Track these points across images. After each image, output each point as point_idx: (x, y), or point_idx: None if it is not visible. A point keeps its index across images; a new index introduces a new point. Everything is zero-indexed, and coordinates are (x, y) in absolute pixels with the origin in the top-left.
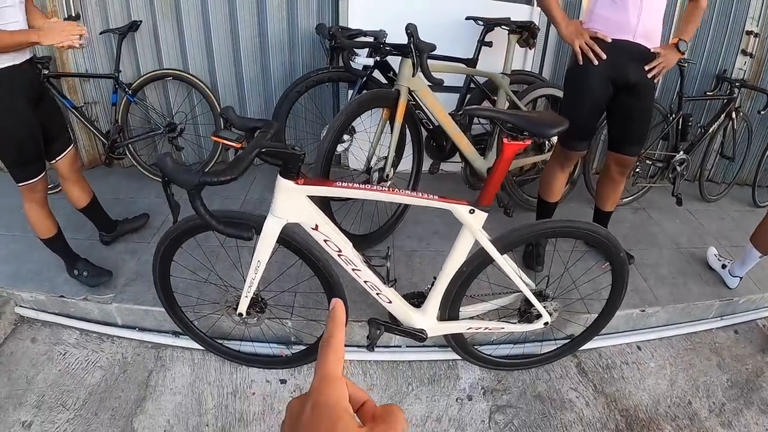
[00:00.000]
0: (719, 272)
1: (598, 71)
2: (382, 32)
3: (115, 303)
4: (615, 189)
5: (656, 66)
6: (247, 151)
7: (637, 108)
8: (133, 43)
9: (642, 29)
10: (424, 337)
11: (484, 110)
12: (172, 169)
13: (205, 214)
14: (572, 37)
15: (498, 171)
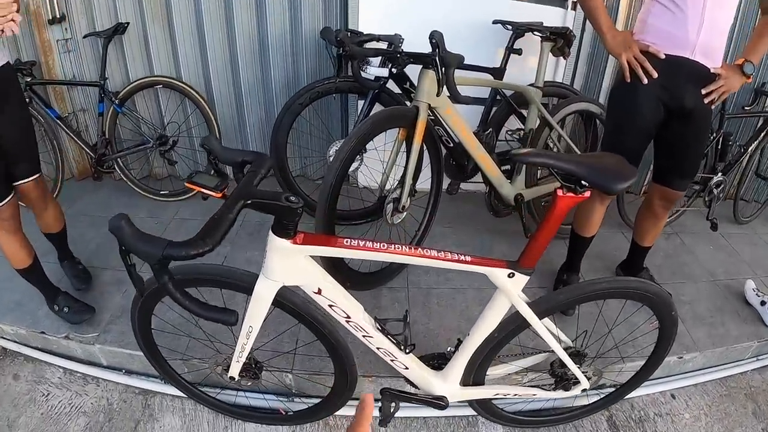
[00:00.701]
0: (757, 309)
1: (649, 91)
2: (397, 37)
3: (98, 344)
4: (656, 224)
5: (716, 90)
6: (226, 206)
7: (689, 137)
8: (121, 47)
9: (702, 45)
10: (445, 405)
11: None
12: (130, 238)
13: (175, 292)
14: (620, 49)
15: (547, 228)
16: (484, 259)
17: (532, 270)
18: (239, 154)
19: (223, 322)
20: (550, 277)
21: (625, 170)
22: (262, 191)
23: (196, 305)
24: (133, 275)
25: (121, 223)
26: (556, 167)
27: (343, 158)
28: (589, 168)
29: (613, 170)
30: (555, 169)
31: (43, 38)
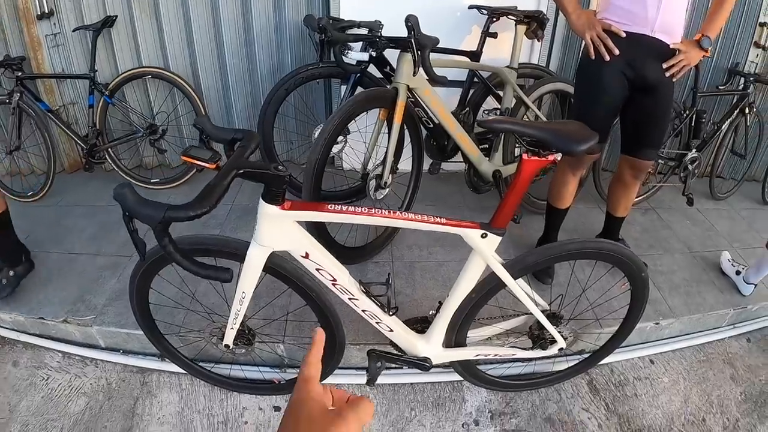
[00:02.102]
0: (733, 279)
1: (614, 67)
2: (377, 23)
3: (96, 326)
4: (627, 194)
5: (676, 64)
6: (221, 175)
7: (654, 109)
8: (110, 40)
9: (661, 23)
10: (429, 365)
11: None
12: (132, 203)
13: (175, 252)
14: (584, 28)
15: (515, 191)
16: (458, 221)
17: (503, 230)
18: (230, 132)
19: (218, 279)
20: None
21: (584, 134)
22: (252, 162)
23: (194, 264)
24: (135, 240)
25: (125, 191)
26: (520, 133)
27: (327, 136)
28: (550, 133)
29: (572, 134)
30: (519, 135)
31: (31, 34)
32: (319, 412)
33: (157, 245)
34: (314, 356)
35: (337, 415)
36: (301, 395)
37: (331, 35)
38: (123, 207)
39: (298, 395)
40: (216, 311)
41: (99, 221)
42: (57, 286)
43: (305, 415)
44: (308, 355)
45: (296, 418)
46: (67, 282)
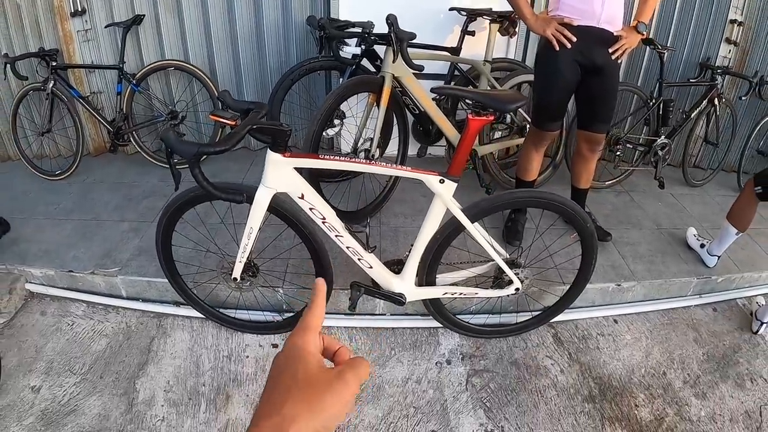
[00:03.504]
0: (698, 251)
1: (567, 55)
2: (369, 23)
3: (120, 276)
4: (587, 166)
5: (619, 47)
6: (240, 127)
7: (603, 88)
8: (136, 35)
9: (606, 15)
10: (403, 301)
11: (449, 89)
12: (174, 141)
13: (203, 181)
14: (542, 28)
15: (464, 143)
16: (420, 169)
17: (458, 178)
18: (246, 104)
19: (235, 201)
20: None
21: (515, 97)
22: (263, 121)
23: (216, 188)
24: (173, 171)
25: (169, 133)
26: (463, 97)
27: (323, 111)
28: (486, 96)
29: (504, 97)
30: (463, 99)
31: (65, 29)
32: (317, 369)
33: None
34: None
35: (337, 375)
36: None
37: (329, 32)
38: (166, 144)
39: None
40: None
41: (122, 194)
42: (85, 246)
43: (302, 371)
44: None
45: (292, 373)
46: (94, 243)
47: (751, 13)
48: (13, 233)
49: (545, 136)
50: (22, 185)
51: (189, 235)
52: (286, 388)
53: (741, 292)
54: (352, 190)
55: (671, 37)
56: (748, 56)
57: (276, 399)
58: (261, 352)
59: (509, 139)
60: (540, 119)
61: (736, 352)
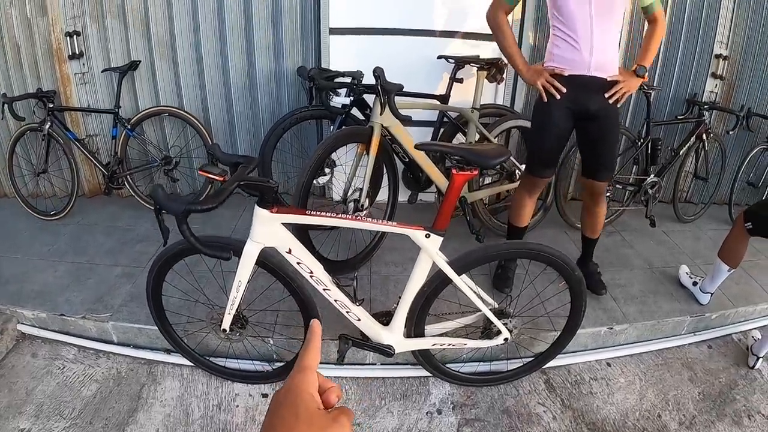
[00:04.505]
0: (691, 289)
1: (559, 104)
2: (359, 73)
3: (112, 321)
4: (591, 215)
5: (617, 92)
6: (228, 183)
7: (601, 135)
8: (132, 80)
9: (596, 63)
10: (392, 352)
11: (433, 145)
12: (163, 198)
13: (191, 237)
14: (534, 78)
15: (449, 198)
16: (406, 224)
17: (443, 232)
18: (234, 157)
19: (221, 258)
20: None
21: (499, 153)
22: (251, 176)
23: (203, 245)
24: (162, 227)
25: (158, 189)
26: (446, 152)
27: (312, 163)
28: (469, 152)
29: (487, 152)
30: (447, 155)
31: (63, 71)
32: (316, 411)
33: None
34: (312, 346)
35: (334, 418)
36: (297, 384)
37: (318, 83)
38: (154, 200)
39: (294, 383)
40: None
41: (116, 238)
42: (77, 290)
43: (303, 410)
44: (306, 344)
45: (294, 411)
46: (86, 286)
47: (735, 47)
48: (6, 272)
49: (538, 182)
50: (16, 223)
51: (178, 285)
52: (289, 426)
53: (736, 326)
54: (342, 238)
55: (657, 74)
56: (734, 90)
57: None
58: (251, 401)
59: (499, 185)
60: (533, 166)
61: (733, 389)
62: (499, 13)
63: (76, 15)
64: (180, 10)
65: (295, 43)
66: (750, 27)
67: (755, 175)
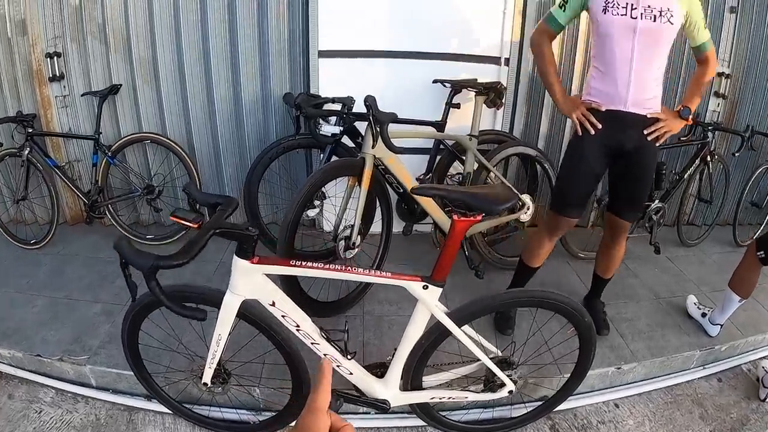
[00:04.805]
0: (699, 321)
1: (593, 139)
2: (349, 99)
3: (89, 365)
4: (608, 254)
5: (656, 130)
6: (201, 233)
7: (634, 173)
8: (114, 105)
9: (633, 99)
10: (387, 407)
11: (432, 189)
12: (128, 252)
13: (160, 294)
14: (569, 110)
15: (449, 247)
16: (402, 275)
17: (443, 282)
18: (213, 197)
19: (195, 318)
20: None
21: (506, 197)
22: (227, 222)
23: (176, 304)
24: (129, 283)
25: (122, 242)
26: (446, 197)
27: (299, 201)
28: (471, 196)
29: (492, 196)
30: (446, 200)
31: (43, 94)
32: None
33: (144, 295)
34: (324, 385)
35: None
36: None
37: (305, 111)
38: (120, 255)
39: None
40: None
41: (97, 271)
42: (55, 328)
43: None
44: (316, 384)
45: None
46: (64, 325)
47: (738, 64)
48: None
49: (562, 222)
50: None
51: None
52: None
53: (745, 357)
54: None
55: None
56: (737, 108)
57: None
58: None
59: (498, 216)
60: (559, 204)
61: (744, 425)
62: (544, 39)
63: (57, 35)
64: (162, 30)
65: (282, 66)
66: (752, 43)
67: (759, 195)
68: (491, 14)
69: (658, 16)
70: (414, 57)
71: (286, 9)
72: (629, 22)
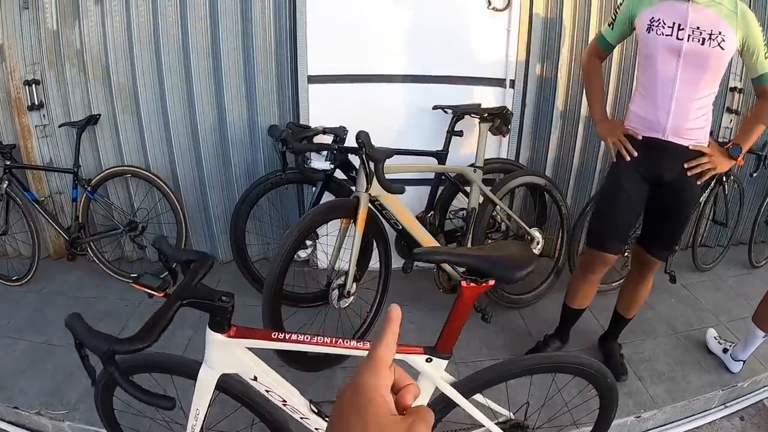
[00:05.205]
0: (720, 357)
1: (630, 168)
2: (341, 130)
3: (68, 421)
4: (633, 291)
5: (698, 165)
6: (165, 307)
7: (670, 209)
8: (94, 136)
9: (672, 126)
10: None
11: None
12: (81, 333)
13: (121, 380)
14: (606, 134)
15: (457, 316)
16: (402, 347)
17: (449, 354)
18: (185, 254)
19: (161, 407)
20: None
21: (523, 258)
22: (198, 291)
23: (139, 391)
24: (86, 366)
25: (75, 321)
26: (455, 263)
27: (284, 252)
28: (486, 260)
29: (508, 260)
30: (456, 265)
31: (22, 123)
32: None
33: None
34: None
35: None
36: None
37: (292, 146)
38: (74, 336)
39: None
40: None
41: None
42: (34, 376)
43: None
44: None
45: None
46: (44, 373)
47: None
48: None
49: (600, 259)
50: None
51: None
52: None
53: (766, 391)
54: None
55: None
56: None
57: None
58: None
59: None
60: (596, 238)
61: None
62: (592, 59)
63: (35, 61)
64: (142, 56)
65: (270, 93)
66: None
67: None
68: (494, 33)
69: (708, 39)
70: (412, 81)
71: (273, 30)
72: (674, 44)
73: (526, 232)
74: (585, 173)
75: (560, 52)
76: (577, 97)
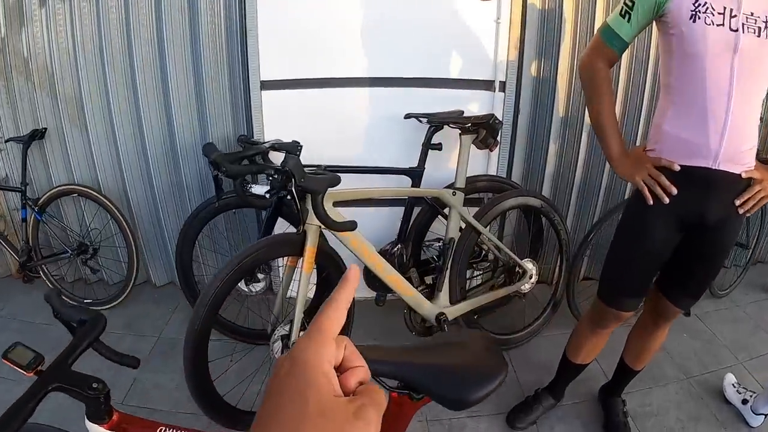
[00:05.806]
0: (739, 408)
1: (663, 209)
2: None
3: None
4: (644, 338)
5: (750, 198)
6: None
7: (706, 252)
8: (42, 151)
9: (727, 151)
10: None
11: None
12: None
13: None
14: (631, 172)
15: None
16: None
17: None
18: (78, 313)
19: None
20: None
21: (487, 373)
22: (70, 375)
23: None
24: None
25: None
26: (380, 373)
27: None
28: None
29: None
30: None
31: None
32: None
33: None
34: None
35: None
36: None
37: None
38: None
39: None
40: None
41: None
42: None
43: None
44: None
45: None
46: None
47: None
48: None
49: (612, 315)
50: None
51: None
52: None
53: None
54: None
55: None
56: None
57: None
58: None
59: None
60: (609, 292)
61: None
62: (598, 62)
63: None
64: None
65: (222, 102)
66: None
67: None
68: (481, 26)
69: (764, 28)
70: (380, 84)
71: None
72: (728, 36)
73: (517, 264)
74: (589, 191)
75: (560, 48)
76: (579, 101)
